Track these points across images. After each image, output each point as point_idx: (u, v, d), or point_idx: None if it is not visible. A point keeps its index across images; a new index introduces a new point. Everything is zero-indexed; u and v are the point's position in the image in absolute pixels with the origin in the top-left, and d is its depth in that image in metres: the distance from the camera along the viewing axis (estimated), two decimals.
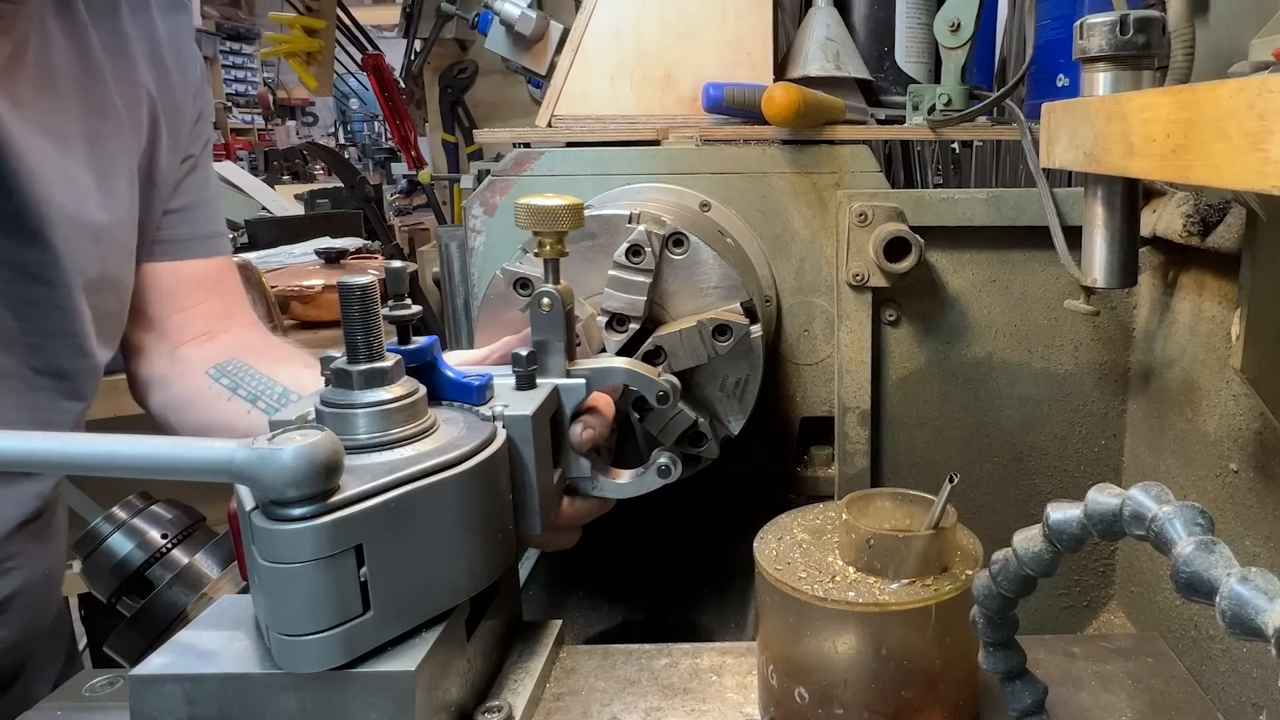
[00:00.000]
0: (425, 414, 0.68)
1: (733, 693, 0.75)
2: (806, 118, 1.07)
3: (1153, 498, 0.47)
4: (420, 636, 0.63)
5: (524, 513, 0.75)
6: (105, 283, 1.01)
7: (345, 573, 0.58)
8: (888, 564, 0.67)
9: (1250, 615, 0.39)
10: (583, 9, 1.22)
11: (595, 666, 0.79)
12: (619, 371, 0.83)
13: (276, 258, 2.64)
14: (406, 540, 0.61)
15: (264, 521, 0.56)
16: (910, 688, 0.66)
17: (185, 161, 1.12)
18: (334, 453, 0.57)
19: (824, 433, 1.18)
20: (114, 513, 1.05)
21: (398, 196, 5.36)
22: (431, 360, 0.75)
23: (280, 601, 0.58)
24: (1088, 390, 1.08)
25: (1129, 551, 1.08)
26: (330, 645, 0.58)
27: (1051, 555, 0.54)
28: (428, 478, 0.62)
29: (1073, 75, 1.05)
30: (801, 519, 0.76)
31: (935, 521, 0.66)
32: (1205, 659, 0.82)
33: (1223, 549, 0.42)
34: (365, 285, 0.65)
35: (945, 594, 0.65)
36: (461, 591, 0.66)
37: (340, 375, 0.65)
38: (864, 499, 0.72)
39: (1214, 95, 0.45)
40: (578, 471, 0.83)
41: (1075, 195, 0.97)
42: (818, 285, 1.15)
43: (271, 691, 0.60)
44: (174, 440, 0.57)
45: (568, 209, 0.79)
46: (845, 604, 0.64)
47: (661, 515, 1.15)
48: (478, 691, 0.71)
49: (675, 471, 0.84)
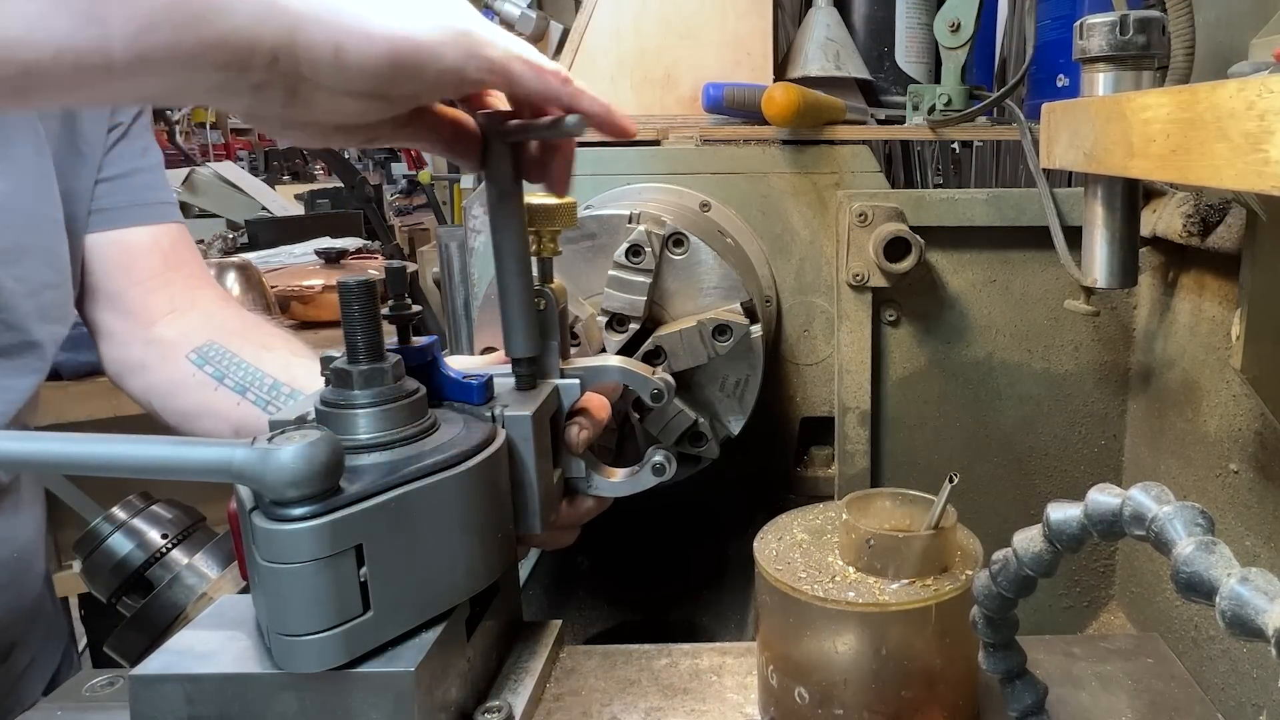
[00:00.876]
0: (425, 414, 0.68)
1: (733, 693, 0.75)
2: (806, 118, 1.07)
3: (1153, 498, 0.47)
4: (420, 636, 0.62)
5: (524, 513, 0.75)
6: (19, 252, 0.99)
7: (345, 573, 0.58)
8: (888, 564, 0.67)
9: (1250, 616, 0.39)
10: (583, 9, 1.22)
11: (595, 667, 0.79)
12: (613, 370, 0.83)
13: (276, 258, 2.65)
14: (406, 540, 0.61)
15: (264, 521, 0.56)
16: (910, 688, 0.66)
17: (113, 130, 1.11)
18: (334, 453, 0.57)
19: (824, 433, 1.18)
20: (114, 513, 1.05)
21: (398, 196, 5.36)
22: (432, 360, 0.74)
23: (280, 602, 0.58)
24: (1088, 390, 1.08)
25: (1129, 552, 1.08)
26: (330, 645, 0.58)
27: (1051, 555, 0.54)
28: (428, 477, 0.62)
29: (1073, 75, 1.05)
30: (801, 519, 0.76)
31: (935, 522, 0.66)
32: (1205, 660, 0.82)
33: (1223, 549, 0.42)
34: (366, 284, 0.65)
35: (945, 594, 0.65)
36: (461, 591, 0.66)
37: (340, 375, 0.65)
38: (864, 499, 0.72)
39: (1214, 96, 0.45)
40: (573, 470, 0.83)
41: (1075, 195, 0.97)
42: (818, 285, 1.15)
43: (271, 691, 0.60)
44: (174, 440, 0.56)
45: (562, 208, 0.79)
46: (845, 604, 0.64)
47: (661, 515, 1.15)
48: (478, 691, 0.71)
49: (670, 470, 0.84)
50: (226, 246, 2.88)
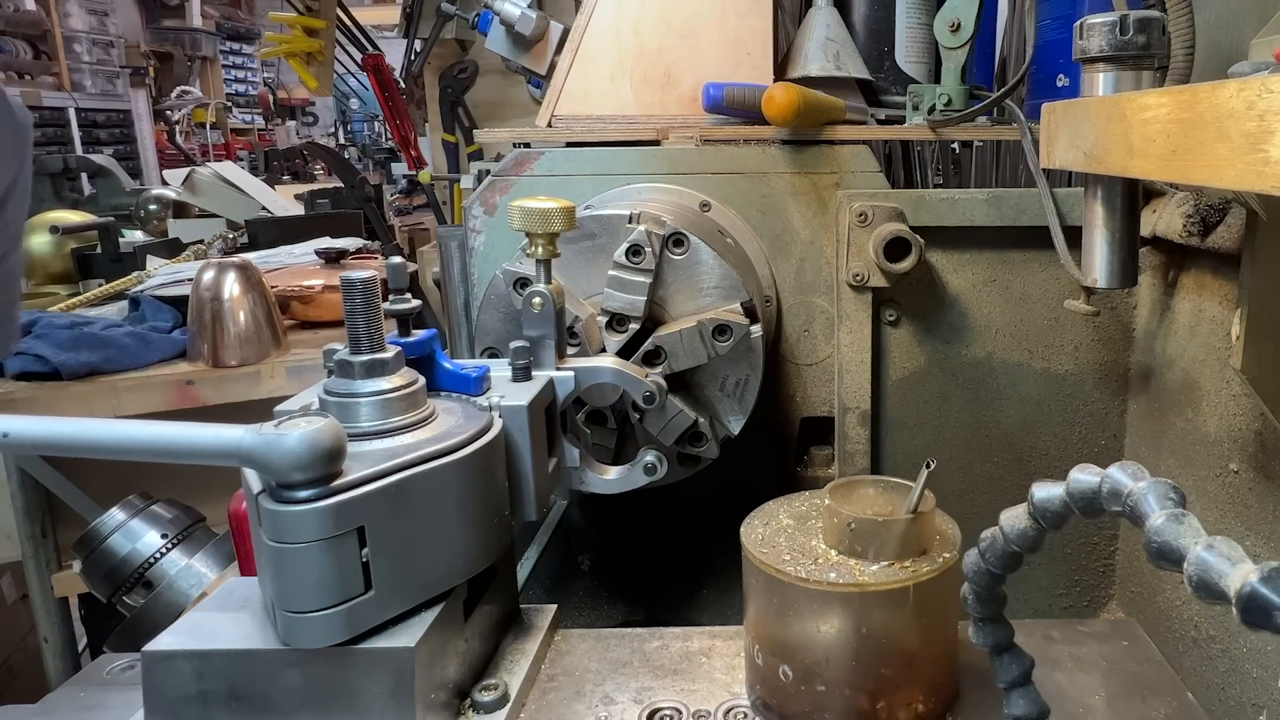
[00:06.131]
0: (424, 403, 0.70)
1: (721, 673, 0.78)
2: (806, 118, 1.07)
3: (1129, 475, 0.49)
4: (419, 616, 0.65)
5: (520, 499, 0.77)
6: None
7: (348, 553, 0.60)
8: (868, 547, 0.69)
9: (1214, 579, 0.41)
10: (583, 9, 1.22)
11: (589, 649, 0.81)
12: (607, 370, 0.85)
13: (276, 258, 2.64)
14: (406, 523, 0.63)
15: (270, 503, 0.59)
16: (889, 666, 0.68)
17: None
18: (337, 438, 0.59)
19: (824, 433, 1.18)
20: (114, 513, 1.05)
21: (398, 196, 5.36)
22: (431, 353, 0.77)
23: (285, 580, 0.60)
24: (1088, 390, 1.08)
25: (1129, 552, 1.08)
26: (333, 622, 0.60)
27: (1036, 532, 0.56)
28: (426, 463, 0.64)
29: (1073, 75, 1.05)
30: (788, 506, 0.79)
31: (914, 506, 0.69)
32: (1205, 659, 0.82)
33: (1191, 520, 0.44)
34: (367, 279, 0.67)
35: (923, 575, 0.67)
36: (459, 573, 0.69)
37: (343, 366, 0.68)
38: (848, 485, 0.74)
39: (1214, 96, 0.45)
40: (568, 462, 0.86)
41: (1075, 195, 0.97)
42: (818, 285, 1.15)
43: (277, 666, 0.62)
44: (184, 425, 0.59)
45: (559, 211, 0.81)
46: (826, 584, 0.67)
47: (662, 516, 1.15)
48: (475, 671, 0.73)
49: (661, 470, 0.86)
50: (226, 246, 2.87)
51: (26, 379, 1.80)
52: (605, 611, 1.17)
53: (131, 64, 7.80)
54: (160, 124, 7.99)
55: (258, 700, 0.62)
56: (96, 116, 7.15)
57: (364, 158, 7.78)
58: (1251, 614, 0.39)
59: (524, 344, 0.80)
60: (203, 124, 8.26)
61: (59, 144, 6.48)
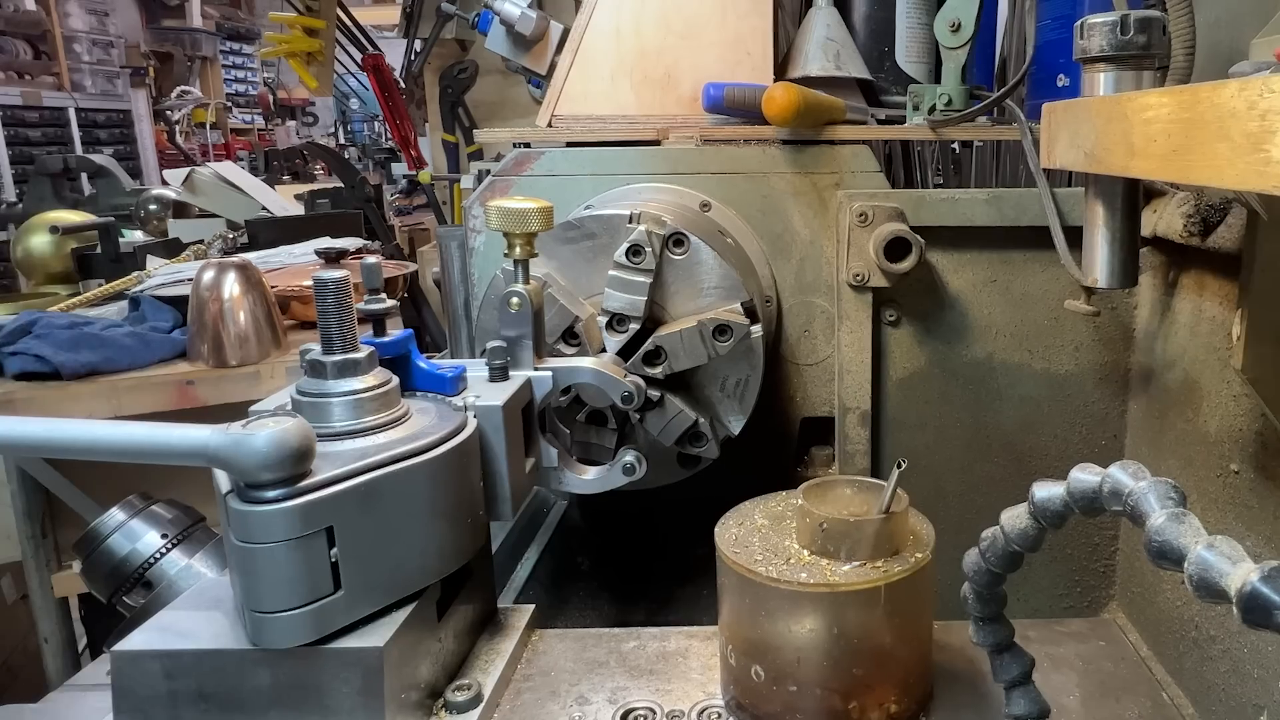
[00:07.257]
0: (398, 403, 0.70)
1: (697, 673, 0.78)
2: (806, 118, 1.07)
3: (1130, 475, 0.49)
4: (391, 616, 0.65)
5: (495, 499, 0.77)
6: None
7: (316, 553, 0.60)
8: (840, 547, 0.69)
9: (1215, 579, 0.41)
10: (583, 9, 1.22)
11: (566, 649, 0.82)
12: (585, 371, 0.85)
13: (276, 258, 2.64)
14: (376, 523, 0.63)
15: (238, 503, 0.59)
16: (861, 666, 0.68)
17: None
18: (305, 438, 0.59)
19: (824, 433, 1.18)
20: (114, 513, 1.05)
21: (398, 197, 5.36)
22: (407, 353, 0.77)
23: (253, 580, 0.60)
24: (1088, 391, 1.07)
25: (1129, 552, 1.08)
26: (302, 622, 0.61)
27: (1037, 531, 0.56)
28: (397, 463, 0.65)
29: (1073, 75, 1.05)
30: (763, 506, 0.79)
31: (885, 506, 0.69)
32: (1206, 659, 0.82)
33: (1192, 520, 0.44)
34: (338, 279, 0.67)
35: (895, 575, 0.67)
36: (431, 573, 0.69)
37: (315, 366, 0.68)
38: (823, 486, 0.75)
39: (1215, 96, 0.45)
40: (545, 462, 0.86)
41: (1075, 195, 0.97)
42: (818, 285, 1.15)
43: (246, 666, 0.62)
44: (152, 426, 0.59)
45: (537, 211, 0.81)
46: (797, 584, 0.67)
47: (661, 516, 1.15)
48: (449, 670, 0.73)
49: (640, 470, 0.86)
50: (226, 246, 2.87)
51: (26, 379, 1.79)
52: (605, 611, 1.17)
53: (131, 64, 7.80)
54: (160, 124, 7.98)
55: (227, 700, 0.62)
56: (96, 116, 7.15)
57: (364, 158, 7.77)
58: (1252, 613, 0.39)
59: (501, 344, 0.80)
60: (203, 124, 8.26)
61: (59, 144, 6.48)
